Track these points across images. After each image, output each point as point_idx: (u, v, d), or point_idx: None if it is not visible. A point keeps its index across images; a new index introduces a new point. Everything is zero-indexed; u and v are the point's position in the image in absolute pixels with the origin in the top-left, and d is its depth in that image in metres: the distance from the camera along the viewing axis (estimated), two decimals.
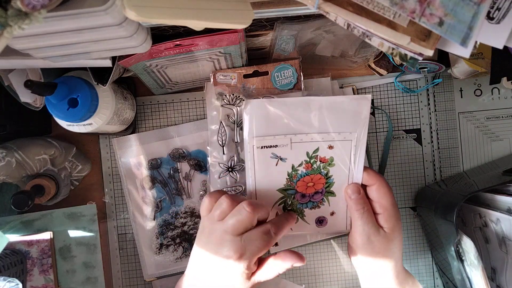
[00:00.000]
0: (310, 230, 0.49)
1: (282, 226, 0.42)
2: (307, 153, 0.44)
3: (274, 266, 0.41)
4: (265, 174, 0.45)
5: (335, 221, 0.49)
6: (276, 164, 0.45)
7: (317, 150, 0.44)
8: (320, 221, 0.49)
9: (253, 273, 0.40)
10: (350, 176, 0.45)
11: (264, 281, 0.41)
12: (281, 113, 0.43)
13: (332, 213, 0.48)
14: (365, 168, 0.45)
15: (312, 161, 0.45)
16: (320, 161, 0.45)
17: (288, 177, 0.45)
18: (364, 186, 0.45)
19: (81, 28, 0.29)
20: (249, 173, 0.45)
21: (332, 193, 0.47)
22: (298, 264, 0.41)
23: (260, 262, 0.42)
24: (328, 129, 0.44)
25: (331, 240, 0.57)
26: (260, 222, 0.41)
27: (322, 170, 0.45)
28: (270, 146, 0.44)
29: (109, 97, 0.46)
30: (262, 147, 0.44)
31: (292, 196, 0.47)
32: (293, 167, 0.45)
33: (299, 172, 0.45)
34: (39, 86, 0.38)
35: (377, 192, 0.43)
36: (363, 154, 0.44)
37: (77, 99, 0.43)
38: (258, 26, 0.42)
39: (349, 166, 0.45)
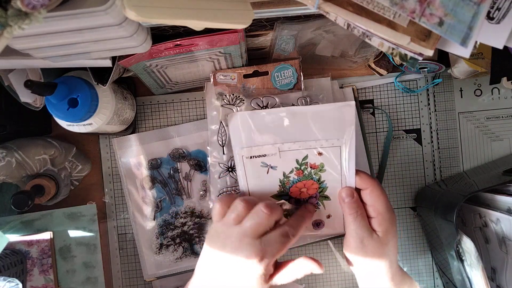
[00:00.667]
0: (308, 233, 0.49)
1: (299, 227, 0.42)
2: (297, 161, 0.44)
3: (294, 271, 0.41)
4: (257, 182, 0.45)
5: (332, 223, 0.48)
6: (267, 172, 0.45)
7: (306, 157, 0.44)
8: (317, 224, 0.49)
9: (270, 276, 0.40)
10: (342, 180, 0.45)
11: (280, 284, 0.41)
12: (266, 123, 0.43)
13: (329, 216, 0.48)
14: (358, 172, 0.44)
15: (302, 167, 0.45)
16: (311, 168, 0.45)
17: (280, 184, 0.46)
18: (359, 190, 0.45)
19: (81, 28, 0.29)
20: (242, 182, 0.45)
21: (326, 197, 0.47)
22: (317, 271, 0.41)
23: (277, 265, 0.42)
24: (315, 137, 0.44)
25: (329, 241, 0.57)
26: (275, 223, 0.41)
27: (314, 176, 0.45)
28: (259, 156, 0.44)
29: (109, 97, 0.46)
30: (251, 157, 0.44)
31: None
32: (284, 174, 0.45)
33: (291, 178, 0.45)
34: (39, 86, 0.38)
35: (370, 196, 0.43)
36: (353, 158, 0.44)
37: (77, 99, 0.43)
38: (258, 26, 0.42)
39: (341, 171, 0.45)
